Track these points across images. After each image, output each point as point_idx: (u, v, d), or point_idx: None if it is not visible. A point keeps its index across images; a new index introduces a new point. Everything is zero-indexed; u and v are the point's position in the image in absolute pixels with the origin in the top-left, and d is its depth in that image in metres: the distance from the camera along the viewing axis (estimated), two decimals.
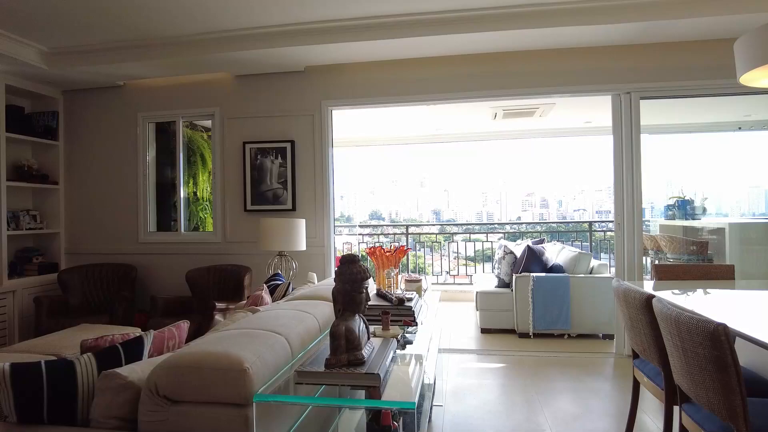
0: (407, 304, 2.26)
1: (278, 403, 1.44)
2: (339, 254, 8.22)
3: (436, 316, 3.49)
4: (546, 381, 3.60)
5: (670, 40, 3.94)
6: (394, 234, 8.61)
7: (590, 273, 4.88)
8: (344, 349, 1.51)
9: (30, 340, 3.11)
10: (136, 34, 3.91)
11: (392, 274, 2.84)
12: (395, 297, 2.28)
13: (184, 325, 2.06)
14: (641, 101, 4.12)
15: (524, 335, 4.72)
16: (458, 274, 7.71)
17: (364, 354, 1.53)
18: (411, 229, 8.61)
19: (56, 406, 1.53)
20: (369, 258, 3.23)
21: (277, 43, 3.88)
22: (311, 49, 3.94)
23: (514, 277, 4.81)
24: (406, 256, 8.16)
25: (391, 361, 1.70)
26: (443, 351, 4.33)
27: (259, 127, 4.57)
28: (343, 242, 7.94)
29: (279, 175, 4.52)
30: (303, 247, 4.13)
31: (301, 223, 4.10)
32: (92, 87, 4.83)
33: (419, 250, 8.78)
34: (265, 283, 3.38)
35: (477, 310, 5.06)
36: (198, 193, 5.49)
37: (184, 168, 4.94)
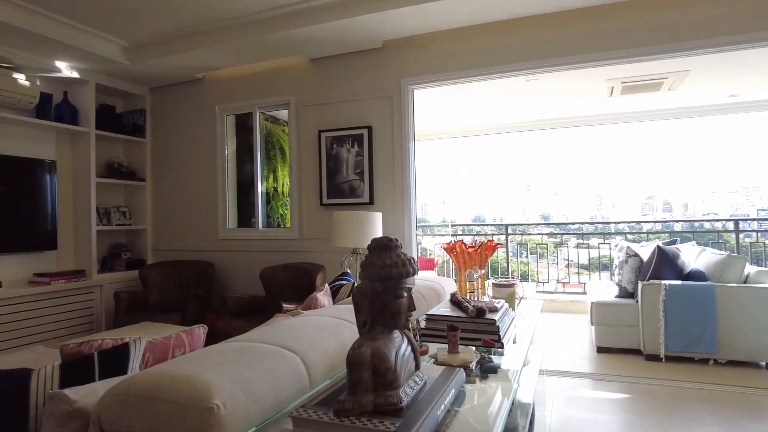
0: (489, 316, 1.63)
1: None
2: (431, 255, 7.65)
3: (535, 332, 2.78)
4: (687, 421, 2.71)
5: None
6: (494, 235, 7.83)
7: (744, 282, 3.79)
8: (369, 387, 0.95)
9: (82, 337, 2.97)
10: (206, 17, 3.72)
11: (475, 276, 2.22)
12: (472, 306, 1.66)
13: (198, 331, 1.64)
14: None
15: (653, 358, 3.77)
16: (569, 282, 6.74)
17: (403, 395, 0.96)
18: (513, 230, 7.74)
19: (3, 430, 1.17)
20: (447, 255, 2.64)
21: (351, 12, 3.44)
22: (389, 16, 3.44)
23: (639, 284, 3.87)
24: (504, 260, 7.36)
25: (453, 402, 1.11)
26: (547, 373, 3.56)
27: (335, 113, 4.19)
28: (435, 243, 7.36)
29: (355, 165, 4.09)
30: None
31: (377, 217, 3.61)
32: (174, 82, 4.81)
33: (524, 255, 7.94)
34: (330, 283, 2.94)
35: (592, 324, 4.18)
36: (278, 188, 5.27)
37: (262, 162, 4.73)
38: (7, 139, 3.99)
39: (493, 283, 2.25)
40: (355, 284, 2.76)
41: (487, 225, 8.73)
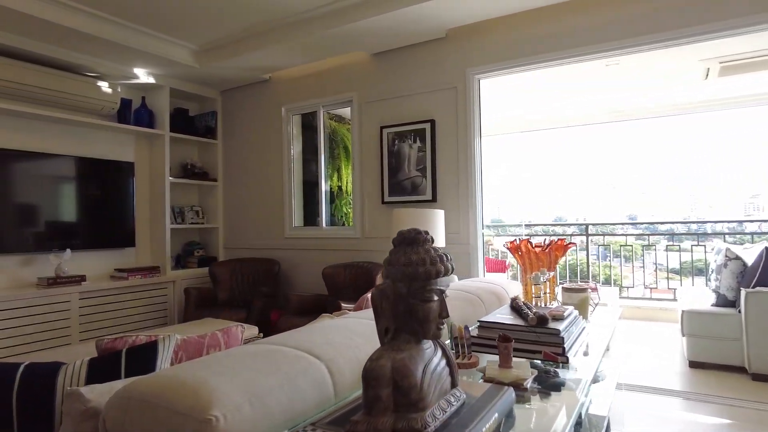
0: (553, 325, 1.41)
1: None
2: (504, 257, 7.29)
3: (613, 343, 2.47)
4: None
5: None
6: (573, 236, 7.33)
7: None
8: (388, 407, 0.80)
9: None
10: (270, 16, 3.74)
11: (542, 279, 1.99)
12: (532, 314, 1.45)
13: (236, 330, 1.57)
14: None
15: (762, 378, 3.26)
16: (657, 288, 6.12)
17: (430, 420, 0.80)
18: (596, 231, 7.18)
19: (30, 426, 1.15)
20: (512, 256, 2.41)
21: (414, 0, 3.28)
22: (454, 1, 3.24)
23: (743, 292, 3.37)
24: (584, 263, 6.84)
25: (498, 427, 0.92)
26: (629, 388, 3.19)
27: (397, 108, 4.06)
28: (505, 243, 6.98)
29: (417, 161, 3.93)
30: (441, 242, 3.45)
31: (438, 215, 3.43)
32: (243, 84, 4.93)
33: (608, 259, 7.36)
34: None
35: (683, 335, 3.72)
36: (343, 187, 5.24)
37: (326, 161, 4.71)
38: (93, 143, 4.28)
39: (563, 288, 2.00)
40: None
41: (566, 225, 8.19)
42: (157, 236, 4.65)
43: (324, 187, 4.66)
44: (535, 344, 1.38)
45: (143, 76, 4.41)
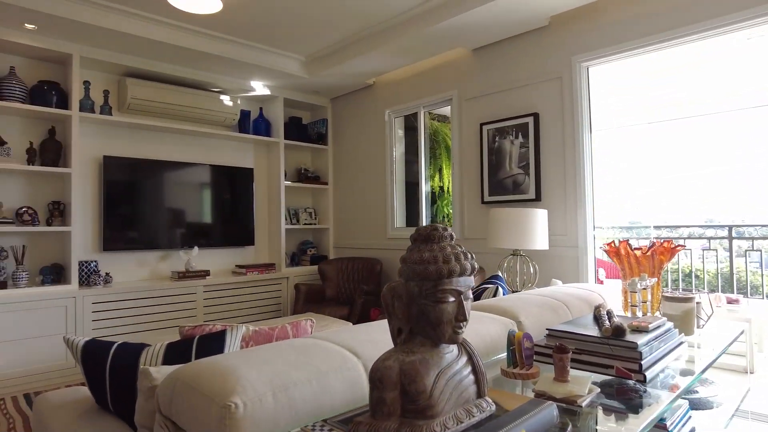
0: (630, 338, 1.24)
1: None
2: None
3: (753, 365, 2.13)
4: None
5: None
6: (709, 239, 6.37)
7: None
8: (394, 411, 0.77)
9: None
10: (371, 21, 3.84)
11: (640, 285, 1.77)
12: (608, 324, 1.29)
13: (305, 324, 1.63)
14: None
15: None
16: None
17: (438, 429, 0.75)
18: (751, 233, 6.13)
19: (119, 396, 1.32)
20: (611, 260, 2.16)
21: None
22: None
23: None
24: (727, 271, 5.88)
25: None
26: None
27: (497, 103, 3.90)
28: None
29: (519, 158, 3.73)
30: (544, 245, 3.23)
31: (540, 215, 3.22)
32: (349, 91, 5.13)
33: None
34: (476, 286, 2.71)
35: None
36: (444, 187, 5.18)
37: (427, 161, 4.70)
38: (218, 152, 4.79)
39: (663, 296, 1.75)
40: (498, 288, 2.48)
41: (715, 227, 7.13)
42: (273, 236, 5.04)
43: (425, 187, 4.65)
44: (609, 358, 1.22)
45: (259, 88, 4.82)
